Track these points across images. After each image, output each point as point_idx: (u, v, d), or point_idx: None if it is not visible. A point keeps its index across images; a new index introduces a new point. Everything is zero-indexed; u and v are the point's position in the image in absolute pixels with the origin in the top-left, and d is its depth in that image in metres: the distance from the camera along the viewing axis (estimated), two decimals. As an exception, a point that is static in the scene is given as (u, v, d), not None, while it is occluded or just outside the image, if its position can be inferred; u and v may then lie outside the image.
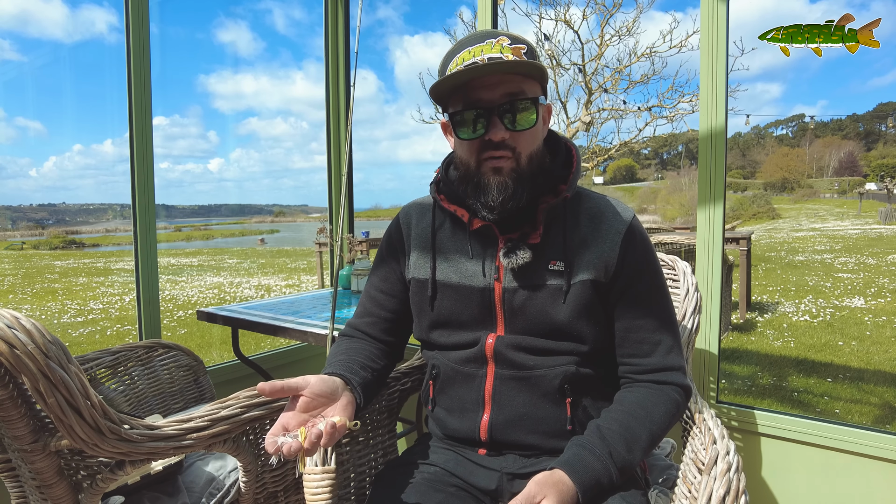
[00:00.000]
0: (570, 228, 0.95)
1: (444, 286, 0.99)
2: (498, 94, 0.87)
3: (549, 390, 0.94)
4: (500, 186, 0.88)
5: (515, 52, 0.88)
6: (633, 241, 0.94)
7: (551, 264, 0.93)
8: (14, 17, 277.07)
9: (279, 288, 10.17)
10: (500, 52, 0.87)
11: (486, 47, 0.88)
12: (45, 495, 0.96)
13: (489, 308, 0.96)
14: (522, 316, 0.94)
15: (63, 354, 0.82)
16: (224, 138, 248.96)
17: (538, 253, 0.93)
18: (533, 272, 0.94)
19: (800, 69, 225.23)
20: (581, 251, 0.93)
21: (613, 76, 8.08)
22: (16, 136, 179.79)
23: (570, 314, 0.92)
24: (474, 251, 0.98)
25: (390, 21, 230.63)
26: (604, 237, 0.94)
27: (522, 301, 0.94)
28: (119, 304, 8.87)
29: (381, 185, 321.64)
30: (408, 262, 1.05)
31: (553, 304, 0.92)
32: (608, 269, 0.93)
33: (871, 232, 18.38)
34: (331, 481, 0.99)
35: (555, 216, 0.95)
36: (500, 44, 0.88)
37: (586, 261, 0.93)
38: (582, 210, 0.97)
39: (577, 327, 0.93)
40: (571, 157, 0.99)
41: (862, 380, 4.21)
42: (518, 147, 0.89)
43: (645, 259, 0.95)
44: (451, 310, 0.99)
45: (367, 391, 0.96)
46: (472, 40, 0.90)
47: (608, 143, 8.97)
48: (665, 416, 0.90)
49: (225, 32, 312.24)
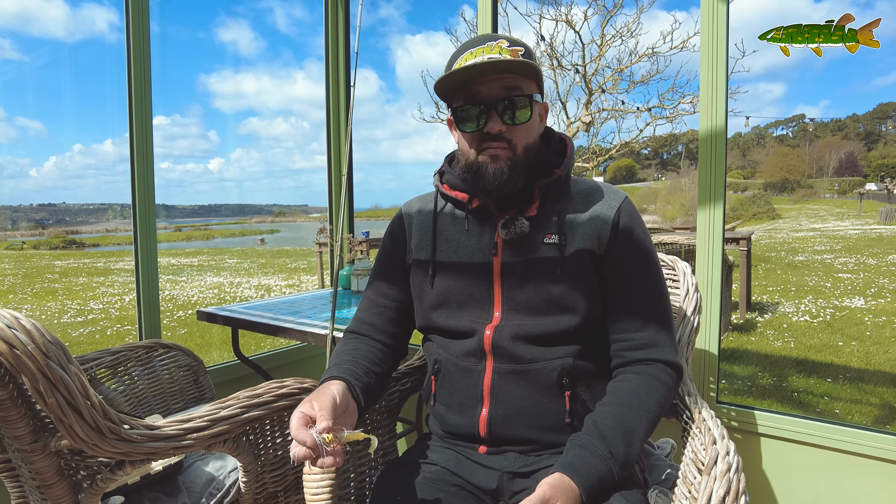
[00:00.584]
0: (565, 204, 1.00)
1: (444, 265, 1.03)
2: (496, 90, 0.94)
3: (547, 384, 0.95)
4: (496, 173, 0.95)
5: (513, 53, 0.95)
6: (626, 215, 0.99)
7: (547, 237, 0.98)
8: (15, 16, 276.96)
9: (279, 288, 10.17)
10: (500, 54, 0.94)
11: (486, 49, 0.95)
12: (45, 495, 0.96)
13: (488, 283, 0.99)
14: (520, 290, 0.97)
15: (63, 354, 0.82)
16: (224, 138, 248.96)
17: (534, 227, 0.98)
18: (529, 246, 0.98)
19: (804, 69, 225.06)
20: (575, 225, 0.98)
21: (614, 76, 8.08)
22: (16, 135, 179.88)
23: (565, 285, 0.95)
24: (473, 229, 1.02)
25: (392, 20, 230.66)
26: (598, 210, 0.99)
27: (520, 275, 0.97)
28: (119, 304, 8.87)
29: (381, 185, 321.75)
30: (409, 248, 1.09)
31: (549, 276, 0.96)
32: (601, 241, 0.97)
33: (872, 232, 18.38)
34: (331, 481, 1.00)
35: (550, 194, 1.00)
36: (499, 46, 0.95)
37: (581, 233, 0.97)
38: (576, 189, 1.02)
39: (571, 298, 0.95)
40: (565, 146, 1.05)
41: (862, 380, 4.21)
42: (514, 139, 0.95)
43: (638, 234, 0.99)
44: (450, 288, 1.02)
45: (368, 398, 0.97)
46: (474, 43, 0.98)
47: (608, 143, 8.99)
48: (658, 403, 0.92)
49: (226, 31, 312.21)
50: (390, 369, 1.10)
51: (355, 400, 0.92)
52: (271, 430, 1.17)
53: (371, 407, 1.04)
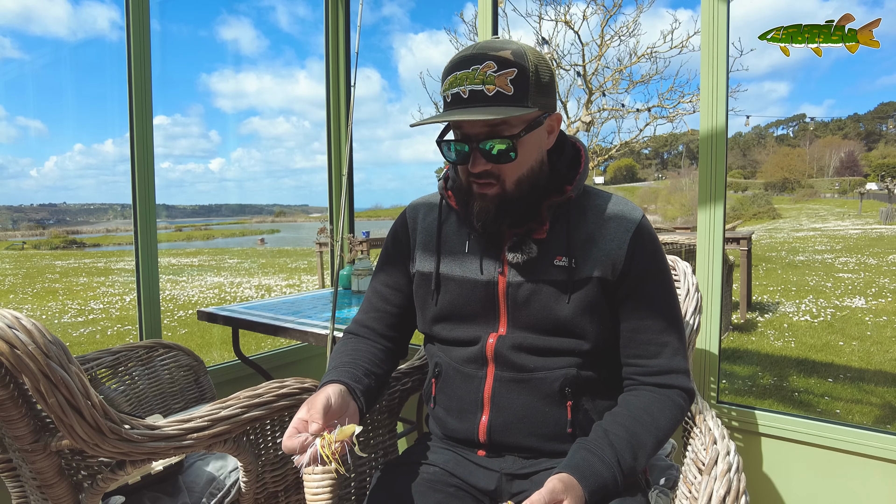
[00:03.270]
0: (576, 225, 0.95)
1: (448, 280, 1.00)
2: (478, 126, 0.87)
3: (549, 393, 0.93)
4: (480, 212, 0.91)
5: (501, 80, 0.83)
6: (641, 240, 0.93)
7: (556, 260, 0.93)
8: (17, 14, 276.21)
9: (279, 288, 10.17)
10: (483, 84, 0.83)
11: (470, 75, 0.84)
12: (45, 495, 0.96)
13: (493, 302, 0.96)
14: (526, 311, 0.94)
15: (63, 354, 0.82)
16: (225, 138, 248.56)
17: (543, 248, 0.94)
18: (537, 267, 0.94)
19: (810, 68, 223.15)
20: (588, 247, 0.93)
21: (614, 76, 8.08)
22: (17, 135, 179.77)
23: (573, 310, 0.92)
24: (479, 246, 0.98)
25: (396, 18, 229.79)
26: (612, 235, 0.93)
27: (526, 296, 0.94)
28: (119, 303, 8.87)
29: (382, 185, 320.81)
30: (413, 256, 1.06)
31: (557, 300, 0.92)
32: (615, 268, 0.92)
33: (872, 232, 18.36)
34: (331, 481, 1.00)
35: (560, 213, 0.95)
36: (484, 72, 0.83)
37: (593, 258, 0.92)
38: (589, 207, 0.96)
39: (580, 324, 0.92)
40: (579, 156, 0.99)
41: (862, 380, 4.21)
42: (502, 174, 0.89)
43: (654, 259, 0.95)
44: (454, 304, 0.99)
45: (369, 399, 0.96)
46: (460, 63, 0.86)
47: (609, 143, 8.98)
48: (670, 422, 0.90)
49: (228, 30, 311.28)
50: (390, 370, 1.09)
51: (356, 402, 0.91)
52: (272, 429, 1.17)
53: (372, 408, 1.03)
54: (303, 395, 1.12)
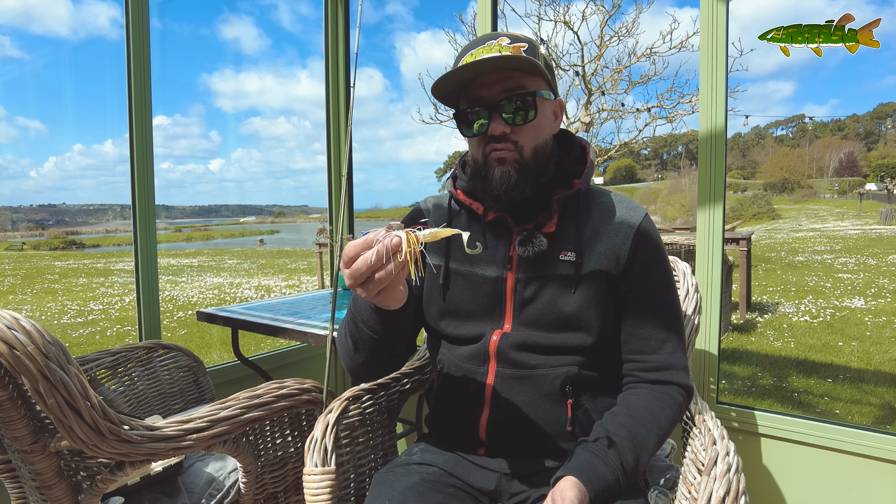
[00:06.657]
0: (583, 220, 0.97)
1: (457, 275, 1.01)
2: (496, 90, 0.91)
3: (550, 390, 0.94)
4: (503, 176, 0.91)
5: (515, 50, 0.90)
6: (645, 236, 0.96)
7: (563, 254, 0.95)
8: (19, 13, 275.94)
9: (279, 288, 10.17)
10: (499, 52, 0.89)
11: (486, 48, 0.91)
12: (44, 496, 0.96)
13: (499, 299, 0.98)
14: (531, 306, 0.95)
15: (63, 355, 0.82)
16: (226, 138, 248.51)
17: (551, 243, 0.95)
18: (545, 262, 0.95)
19: (815, 67, 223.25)
20: (593, 242, 0.95)
21: (613, 77, 8.08)
22: (16, 135, 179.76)
23: (578, 304, 0.93)
24: (489, 242, 1.00)
25: (399, 17, 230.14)
26: (616, 230, 0.95)
27: (533, 291, 0.95)
28: (119, 304, 8.87)
29: (382, 185, 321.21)
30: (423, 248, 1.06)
31: (562, 295, 0.94)
32: (619, 262, 0.94)
33: (872, 232, 18.37)
34: (331, 482, 0.99)
35: (568, 208, 0.97)
36: (499, 44, 0.91)
37: (598, 252, 0.94)
38: (594, 203, 0.99)
39: (584, 318, 0.94)
40: (585, 153, 1.02)
41: (862, 380, 4.21)
42: (520, 140, 0.92)
43: (656, 256, 0.97)
44: (461, 299, 1.00)
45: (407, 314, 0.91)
46: (474, 44, 0.94)
47: (608, 143, 8.99)
48: (669, 421, 0.91)
49: (229, 28, 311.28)
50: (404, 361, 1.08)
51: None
52: (271, 430, 1.17)
53: (404, 327, 0.95)
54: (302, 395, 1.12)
